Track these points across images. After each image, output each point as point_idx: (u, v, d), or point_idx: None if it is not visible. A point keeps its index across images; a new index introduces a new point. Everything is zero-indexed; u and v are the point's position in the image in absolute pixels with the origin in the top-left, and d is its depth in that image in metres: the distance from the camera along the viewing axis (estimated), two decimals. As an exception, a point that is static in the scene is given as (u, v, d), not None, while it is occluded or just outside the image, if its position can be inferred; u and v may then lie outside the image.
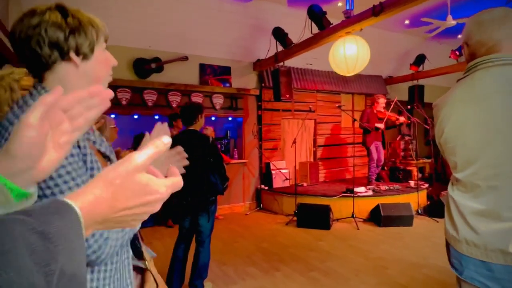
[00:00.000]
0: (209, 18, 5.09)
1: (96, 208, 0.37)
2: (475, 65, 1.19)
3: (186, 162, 1.22)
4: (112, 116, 4.90)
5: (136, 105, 5.10)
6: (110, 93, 0.47)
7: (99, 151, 0.85)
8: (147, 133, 1.08)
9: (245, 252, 3.86)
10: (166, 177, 0.42)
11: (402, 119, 5.82)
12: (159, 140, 0.40)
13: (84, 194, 0.37)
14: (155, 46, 5.16)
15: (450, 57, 6.55)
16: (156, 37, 5.08)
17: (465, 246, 1.17)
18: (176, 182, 0.42)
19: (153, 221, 5.00)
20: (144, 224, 4.01)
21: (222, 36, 5.46)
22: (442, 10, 5.36)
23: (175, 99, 5.36)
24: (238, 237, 4.46)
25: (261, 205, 6.09)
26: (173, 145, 0.45)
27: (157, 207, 0.41)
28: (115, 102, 4.88)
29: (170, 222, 4.99)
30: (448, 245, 1.30)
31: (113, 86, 4.84)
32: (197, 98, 5.53)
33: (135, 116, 5.35)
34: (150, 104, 5.16)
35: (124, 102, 4.91)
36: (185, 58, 5.29)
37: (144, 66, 5.07)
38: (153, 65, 5.11)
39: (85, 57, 0.76)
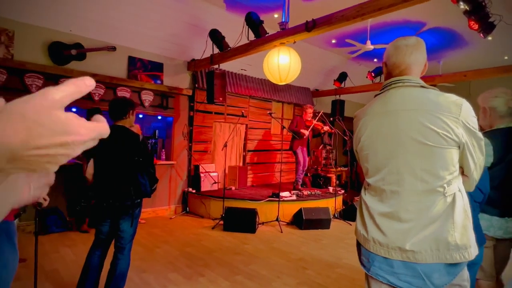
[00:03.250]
0: (142, 9, 4.80)
1: (6, 141, 0.31)
2: (389, 84, 1.36)
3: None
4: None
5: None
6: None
7: None
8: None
9: (168, 257, 3.69)
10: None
11: (326, 128, 6.31)
12: (80, 79, 0.35)
13: None
14: (78, 31, 4.65)
15: (367, 77, 7.38)
16: (79, 21, 4.58)
17: (372, 245, 1.31)
18: (100, 126, 0.36)
19: (62, 225, 4.43)
20: (51, 230, 3.54)
21: (155, 30, 5.20)
22: (363, 36, 6.00)
23: (98, 92, 4.89)
24: (161, 242, 4.25)
25: (188, 208, 5.91)
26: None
27: (76, 151, 0.35)
28: (22, 88, 4.23)
29: (85, 226, 4.50)
30: (358, 244, 1.43)
31: (21, 70, 4.21)
32: (123, 93, 5.14)
33: (47, 107, 4.70)
34: (67, 94, 4.60)
35: (34, 90, 4.29)
36: (113, 49, 4.88)
37: (63, 51, 4.52)
38: (73, 52, 4.58)
39: None
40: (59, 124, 0.33)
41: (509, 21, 4.80)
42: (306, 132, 5.94)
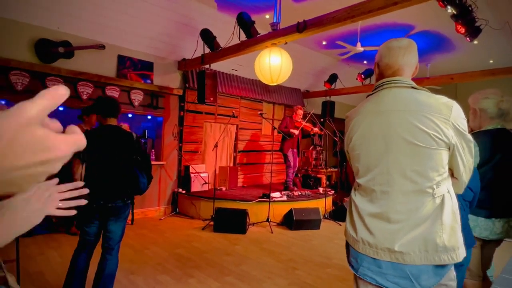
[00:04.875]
0: (132, 7, 4.74)
1: None
2: (382, 84, 1.36)
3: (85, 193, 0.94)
4: (3, 102, 4.14)
5: (36, 92, 4.34)
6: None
7: None
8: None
9: (157, 259, 3.65)
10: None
11: (316, 129, 6.35)
12: (53, 90, 0.34)
13: None
14: (65, 29, 4.55)
15: (356, 79, 7.45)
16: (67, 19, 4.48)
17: (361, 245, 1.31)
18: (78, 139, 0.36)
19: (48, 227, 4.33)
20: (36, 231, 3.47)
21: (145, 28, 5.14)
22: (353, 38, 6.06)
23: (86, 91, 4.80)
24: (150, 243, 4.19)
25: (178, 209, 5.86)
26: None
27: (57, 167, 0.34)
28: (7, 86, 4.12)
29: (74, 228, 4.40)
30: (347, 245, 1.43)
31: (6, 67, 4.09)
32: (112, 92, 5.06)
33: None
34: (54, 93, 4.50)
35: (19, 88, 4.18)
36: (102, 47, 4.81)
37: (50, 49, 4.42)
38: (61, 49, 4.49)
39: None
40: (37, 142, 0.32)
41: (495, 25, 4.92)
42: (296, 132, 5.98)
